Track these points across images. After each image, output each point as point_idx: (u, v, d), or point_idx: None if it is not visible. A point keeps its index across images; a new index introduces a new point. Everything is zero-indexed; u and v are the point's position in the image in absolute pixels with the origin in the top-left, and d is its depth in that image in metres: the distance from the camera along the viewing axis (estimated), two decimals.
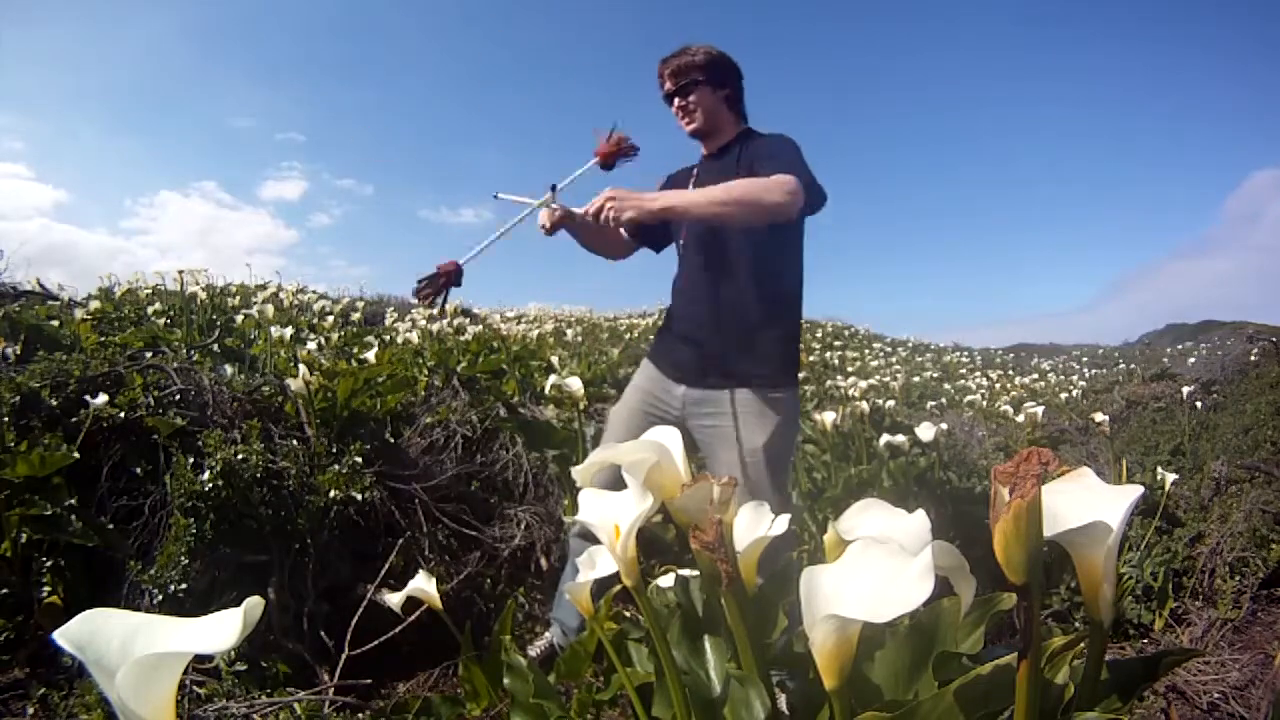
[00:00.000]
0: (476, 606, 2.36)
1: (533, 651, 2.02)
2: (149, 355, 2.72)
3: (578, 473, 0.83)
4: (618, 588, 1.34)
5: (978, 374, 12.47)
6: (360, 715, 1.56)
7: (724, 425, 1.72)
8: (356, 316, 5.76)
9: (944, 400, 8.12)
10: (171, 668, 0.46)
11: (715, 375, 1.75)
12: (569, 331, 7.59)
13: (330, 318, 5.54)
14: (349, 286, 10.52)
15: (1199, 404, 5.98)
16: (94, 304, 4.18)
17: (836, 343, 12.92)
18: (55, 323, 3.31)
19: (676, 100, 1.86)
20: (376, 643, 1.72)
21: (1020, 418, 5.13)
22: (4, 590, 1.74)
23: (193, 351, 3.13)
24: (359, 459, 2.31)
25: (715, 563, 0.77)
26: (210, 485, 1.93)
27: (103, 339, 3.01)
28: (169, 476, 2.02)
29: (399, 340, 4.62)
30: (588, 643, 1.47)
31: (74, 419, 2.11)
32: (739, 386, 1.73)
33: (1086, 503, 0.62)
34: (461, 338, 4.89)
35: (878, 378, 8.31)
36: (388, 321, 6.26)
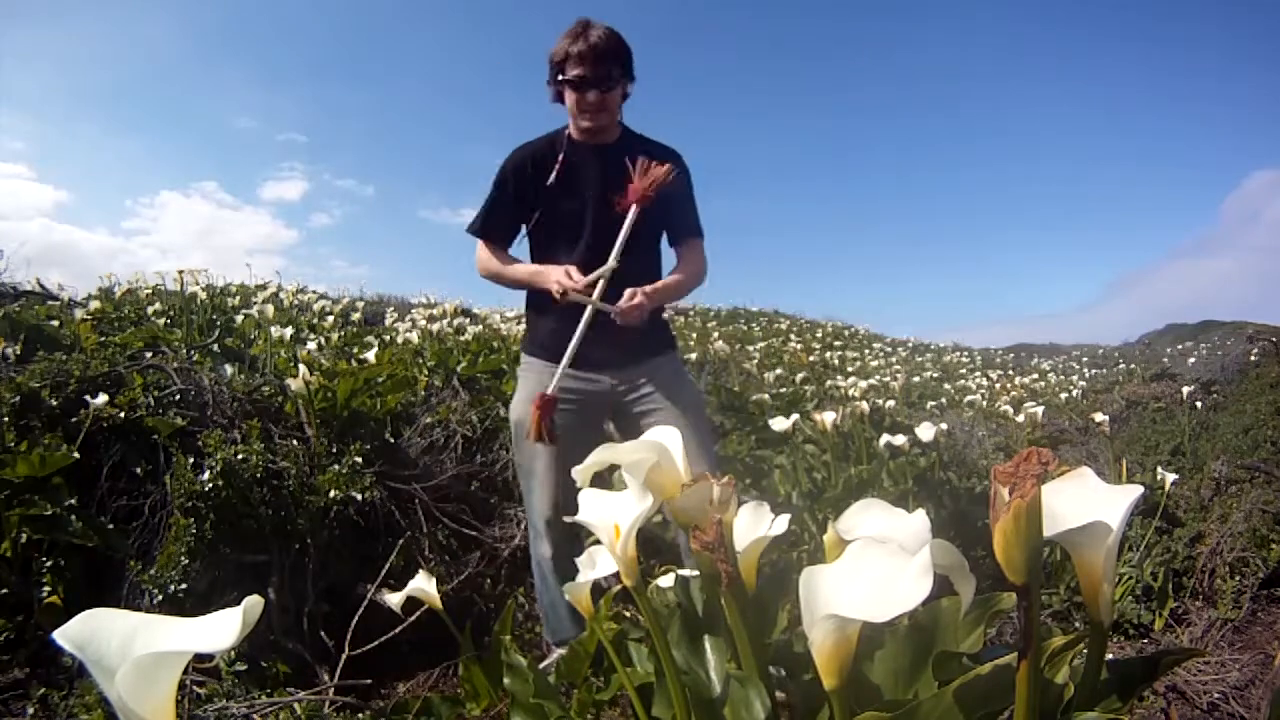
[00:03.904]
0: (476, 606, 2.36)
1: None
2: (149, 355, 2.73)
3: (577, 473, 0.83)
4: (618, 587, 1.34)
5: (978, 374, 12.46)
6: (360, 715, 1.56)
7: (668, 386, 1.84)
8: (356, 316, 5.76)
9: (944, 400, 8.11)
10: (171, 667, 0.46)
11: (637, 350, 1.84)
12: None
13: (330, 318, 5.53)
14: (349, 286, 10.52)
15: (1199, 404, 5.97)
16: (94, 304, 4.18)
17: (836, 343, 12.91)
18: (55, 323, 3.31)
19: (590, 92, 1.69)
20: (376, 643, 1.72)
21: (1020, 418, 5.13)
22: (4, 590, 1.74)
23: (193, 351, 3.13)
24: (359, 459, 2.31)
25: (715, 563, 0.77)
26: (210, 485, 1.94)
27: (103, 339, 3.01)
28: (169, 476, 2.02)
29: (399, 340, 4.62)
30: (588, 643, 1.47)
31: (74, 419, 2.11)
32: (659, 354, 1.88)
33: (1086, 503, 0.62)
34: (461, 338, 4.89)
35: (878, 378, 8.30)
36: (388, 321, 6.26)
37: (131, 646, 0.46)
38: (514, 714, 1.16)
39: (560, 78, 1.72)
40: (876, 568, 0.61)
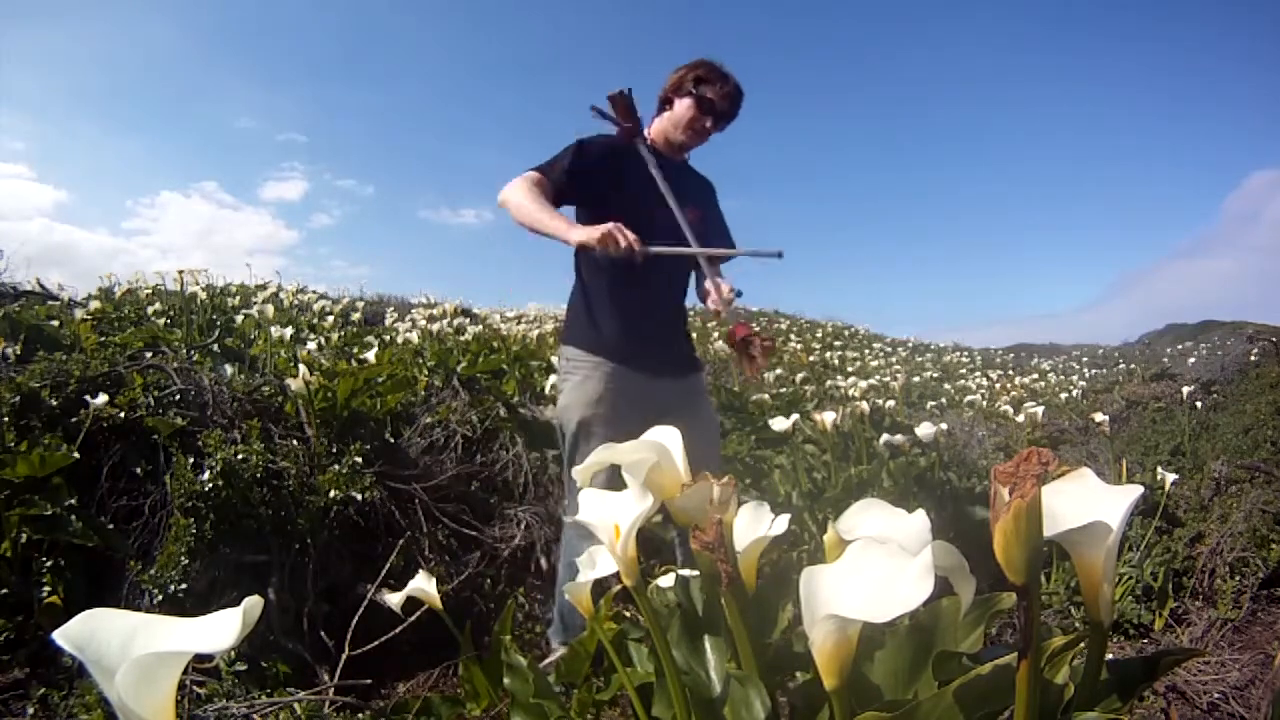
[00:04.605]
0: (476, 606, 2.36)
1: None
2: (149, 355, 2.73)
3: (578, 473, 0.83)
4: (618, 588, 1.34)
5: (978, 374, 12.47)
6: (360, 715, 1.56)
7: (701, 401, 2.01)
8: (356, 316, 5.77)
9: (944, 400, 8.12)
10: (171, 667, 0.46)
11: (685, 363, 2.00)
12: None
13: (330, 318, 5.54)
14: (349, 286, 10.53)
15: (1199, 404, 5.98)
16: (94, 304, 4.19)
17: (836, 343, 12.92)
18: (55, 323, 3.31)
19: (715, 124, 1.87)
20: (377, 643, 1.72)
21: (1020, 418, 5.14)
22: (4, 590, 1.74)
23: (193, 351, 3.14)
24: (359, 459, 2.31)
25: (715, 563, 0.77)
26: (210, 485, 1.93)
27: (103, 339, 3.01)
28: (169, 476, 2.02)
29: (399, 340, 4.62)
30: (588, 643, 1.47)
31: (74, 419, 2.11)
32: (698, 370, 2.05)
33: (1086, 503, 0.62)
34: (461, 338, 4.90)
35: (878, 378, 8.31)
36: (388, 321, 6.26)
37: (131, 646, 0.46)
38: (514, 714, 1.16)
39: (692, 90, 1.84)
40: (877, 568, 0.61)
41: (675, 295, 2.00)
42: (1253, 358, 8.93)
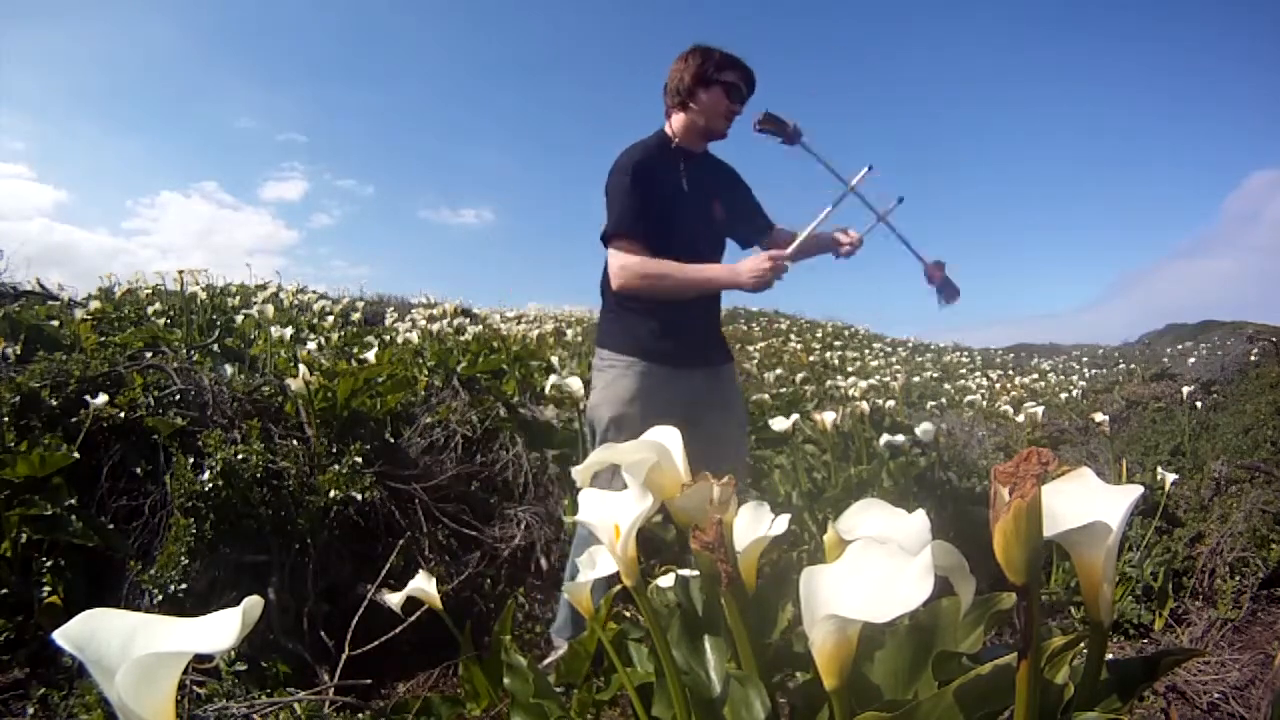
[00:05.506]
0: (476, 606, 2.36)
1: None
2: (149, 355, 2.73)
3: (578, 473, 0.83)
4: (618, 588, 1.35)
5: (978, 374, 12.47)
6: (360, 715, 1.56)
7: (730, 391, 2.03)
8: (356, 316, 5.77)
9: (944, 400, 8.12)
10: (171, 667, 0.46)
11: (718, 354, 2.01)
12: (569, 331, 7.59)
13: (330, 318, 5.54)
14: (349, 286, 10.54)
15: (1199, 404, 5.97)
16: (94, 304, 4.18)
17: (836, 343, 12.92)
18: (55, 323, 3.31)
19: (738, 103, 1.90)
20: (377, 643, 1.72)
21: (1020, 418, 5.13)
22: (4, 590, 1.74)
23: (193, 351, 3.13)
24: (359, 459, 2.31)
25: (715, 563, 0.77)
26: (210, 485, 1.93)
27: (103, 339, 3.01)
28: (169, 476, 2.02)
29: (399, 340, 4.62)
30: (588, 643, 1.47)
31: (74, 419, 2.11)
32: (729, 360, 2.06)
33: (1086, 503, 0.62)
34: (461, 338, 4.90)
35: (878, 378, 8.31)
36: (388, 321, 6.27)
37: (131, 647, 0.46)
38: (514, 714, 1.16)
39: (717, 77, 1.85)
40: (877, 568, 0.61)
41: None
42: (1253, 358, 8.93)
